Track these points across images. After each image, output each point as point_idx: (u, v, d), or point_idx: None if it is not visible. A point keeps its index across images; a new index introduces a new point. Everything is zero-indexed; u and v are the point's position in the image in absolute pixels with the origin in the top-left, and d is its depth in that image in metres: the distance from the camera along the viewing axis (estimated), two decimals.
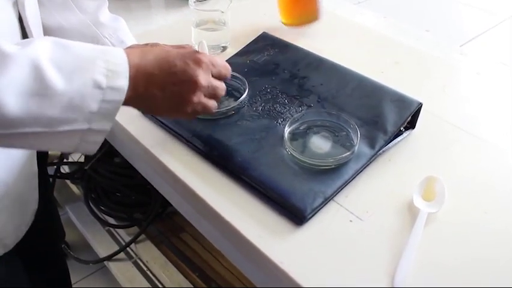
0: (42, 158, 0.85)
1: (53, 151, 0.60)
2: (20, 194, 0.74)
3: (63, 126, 0.52)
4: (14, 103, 0.48)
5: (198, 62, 0.60)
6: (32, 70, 0.49)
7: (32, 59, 0.49)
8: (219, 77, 0.64)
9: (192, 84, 0.59)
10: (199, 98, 0.61)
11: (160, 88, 0.58)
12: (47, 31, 0.77)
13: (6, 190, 0.70)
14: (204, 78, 0.60)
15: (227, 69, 0.66)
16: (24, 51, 0.50)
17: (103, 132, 0.55)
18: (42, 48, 0.51)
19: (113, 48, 0.57)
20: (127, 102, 0.56)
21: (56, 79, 0.50)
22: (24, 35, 0.67)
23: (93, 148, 0.56)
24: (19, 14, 0.65)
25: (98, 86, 0.52)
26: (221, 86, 0.64)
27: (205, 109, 0.63)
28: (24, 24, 0.66)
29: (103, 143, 0.57)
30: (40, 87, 0.49)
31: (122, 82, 0.54)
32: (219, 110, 0.75)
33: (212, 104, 0.64)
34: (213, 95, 0.63)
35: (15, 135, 0.51)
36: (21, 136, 0.51)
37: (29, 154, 0.75)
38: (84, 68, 0.52)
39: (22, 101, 0.49)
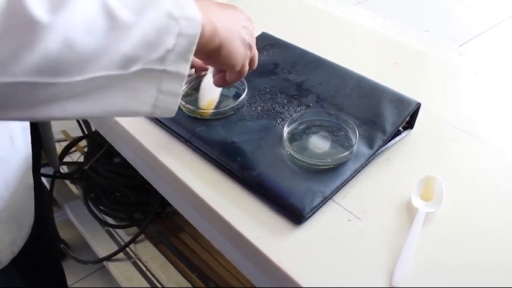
0: (37, 164, 0.84)
1: (132, 113, 0.51)
2: (17, 208, 0.73)
3: (137, 64, 0.47)
4: (87, 39, 0.43)
5: (250, 20, 0.66)
6: (99, 5, 0.44)
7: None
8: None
9: (250, 23, 0.65)
10: (251, 36, 0.65)
11: (230, 18, 0.60)
12: None
13: (3, 204, 0.69)
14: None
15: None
16: None
17: (179, 77, 0.50)
18: None
19: None
20: (204, 42, 0.53)
21: (126, 13, 0.45)
22: None
23: (173, 103, 0.52)
24: None
25: (172, 17, 0.48)
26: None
27: (254, 61, 0.68)
28: None
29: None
30: (111, 22, 0.44)
31: (195, 12, 0.50)
32: (218, 110, 0.75)
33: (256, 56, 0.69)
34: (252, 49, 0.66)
35: (89, 88, 0.46)
36: (94, 89, 0.46)
37: (25, 166, 0.74)
38: (153, 1, 0.47)
39: (94, 36, 0.43)
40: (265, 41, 0.89)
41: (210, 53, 0.57)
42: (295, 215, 0.61)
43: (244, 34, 0.61)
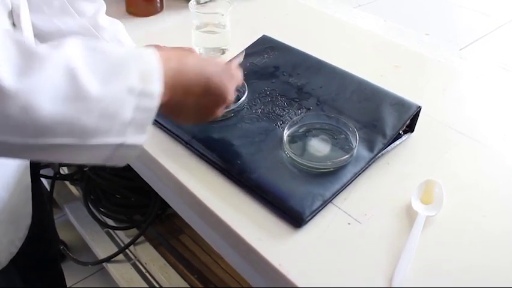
0: (35, 167, 0.85)
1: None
2: (14, 209, 0.73)
3: (96, 139, 0.47)
4: (49, 107, 0.43)
5: (233, 78, 0.63)
6: (67, 72, 0.44)
7: (66, 60, 0.45)
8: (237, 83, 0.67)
9: (222, 100, 0.62)
10: (222, 110, 0.64)
11: (195, 98, 0.58)
12: (46, 38, 0.77)
13: (1, 206, 0.69)
14: (232, 94, 0.63)
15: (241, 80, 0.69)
16: (58, 52, 0.45)
17: (135, 147, 0.50)
18: (73, 50, 0.46)
19: (145, 51, 0.52)
20: (161, 108, 0.52)
21: (92, 83, 0.45)
22: None
23: (123, 162, 0.52)
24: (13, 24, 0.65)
25: (132, 92, 0.48)
26: (237, 80, 0.67)
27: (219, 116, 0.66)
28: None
29: None
30: (76, 92, 0.45)
31: (156, 88, 0.50)
32: None
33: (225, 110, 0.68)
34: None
35: (43, 148, 0.46)
36: (49, 148, 0.46)
37: (23, 167, 0.74)
38: (118, 71, 0.48)
39: (56, 105, 0.44)
40: (265, 44, 0.89)
41: (168, 114, 0.60)
42: (295, 218, 0.61)
43: (198, 112, 0.62)
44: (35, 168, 0.81)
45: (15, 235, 0.76)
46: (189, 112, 0.60)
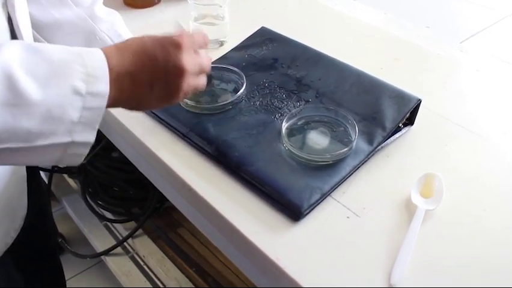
0: None
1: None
2: (9, 200, 0.73)
3: (42, 140, 0.47)
4: None
5: (178, 45, 0.55)
6: (4, 79, 0.45)
7: (3, 66, 0.45)
8: (200, 45, 0.60)
9: (179, 72, 0.55)
10: (188, 82, 0.57)
11: (148, 85, 0.54)
12: (44, 28, 0.77)
13: None
14: (188, 61, 0.56)
15: (205, 37, 0.62)
16: None
17: (86, 144, 0.51)
18: (12, 54, 0.46)
19: (90, 50, 0.51)
20: (114, 105, 0.52)
21: (31, 88, 0.45)
22: (14, 36, 0.66)
23: (77, 161, 0.52)
24: (8, 15, 0.64)
25: (78, 93, 0.48)
26: (206, 60, 0.61)
27: (197, 89, 0.60)
28: (14, 25, 0.64)
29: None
30: (14, 97, 0.45)
31: (103, 87, 0.49)
32: (216, 105, 0.74)
33: (202, 81, 0.61)
34: (200, 71, 0.60)
35: None
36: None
37: None
38: (60, 74, 0.48)
39: None
40: (264, 36, 0.88)
41: (128, 108, 0.58)
42: (293, 211, 0.60)
43: (162, 94, 0.56)
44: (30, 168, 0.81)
45: (10, 226, 0.75)
46: (149, 99, 0.56)
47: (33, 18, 0.75)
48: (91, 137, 0.51)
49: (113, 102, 0.52)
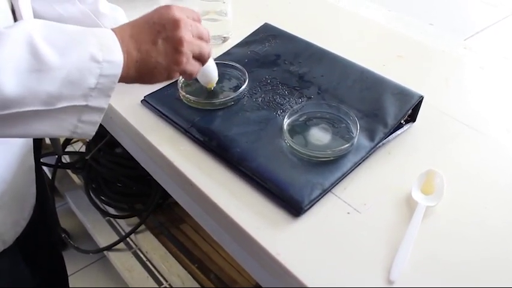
0: (37, 150, 0.85)
1: (53, 136, 0.58)
2: (19, 190, 0.74)
3: (61, 102, 0.52)
4: (13, 81, 0.48)
5: (168, 7, 0.61)
6: (27, 47, 0.49)
7: (26, 36, 0.49)
8: (192, 18, 0.64)
9: (175, 23, 0.60)
10: (189, 35, 0.61)
11: (150, 42, 0.59)
12: None
13: (5, 187, 0.70)
14: (180, 13, 0.61)
15: (195, 12, 0.66)
16: (17, 29, 0.50)
17: (100, 110, 0.55)
18: (33, 26, 0.51)
19: (99, 28, 0.57)
20: (127, 75, 0.56)
21: (52, 54, 0.50)
22: None
23: (91, 130, 0.56)
24: (12, 6, 0.65)
25: (95, 60, 0.52)
26: (201, 25, 0.65)
27: (201, 48, 0.63)
28: (18, 17, 0.65)
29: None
30: (37, 63, 0.49)
31: (118, 55, 0.55)
32: (218, 101, 0.74)
33: (206, 45, 0.65)
34: (199, 34, 0.64)
35: (14, 116, 0.50)
36: (19, 118, 0.51)
37: (26, 148, 0.75)
38: (78, 42, 0.52)
39: (20, 78, 0.49)
40: (267, 32, 0.88)
41: (132, 81, 0.60)
42: (294, 207, 0.60)
43: (167, 49, 0.60)
44: (37, 155, 0.81)
45: (20, 215, 0.77)
46: (156, 57, 0.59)
47: (37, 14, 0.76)
48: (104, 104, 0.55)
49: (124, 72, 0.56)
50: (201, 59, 0.65)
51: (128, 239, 1.41)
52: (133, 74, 0.59)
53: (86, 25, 0.78)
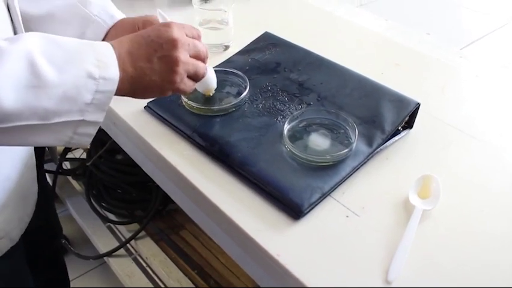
0: (38, 149, 0.86)
1: (48, 146, 0.59)
2: (23, 187, 0.76)
3: (58, 117, 0.53)
4: (12, 96, 0.50)
5: (168, 24, 0.62)
6: (27, 64, 0.51)
7: (25, 53, 0.51)
8: (192, 36, 0.65)
9: (172, 43, 0.60)
10: (185, 56, 0.62)
11: (146, 59, 0.59)
12: (37, 21, 0.77)
13: (11, 184, 0.72)
14: (178, 33, 0.61)
15: (195, 29, 0.67)
16: (17, 46, 0.52)
17: (95, 124, 0.57)
18: (32, 42, 0.53)
19: (98, 42, 0.59)
20: (120, 90, 0.57)
21: (50, 71, 0.52)
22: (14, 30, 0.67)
23: (86, 141, 0.58)
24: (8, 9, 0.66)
25: (92, 77, 0.54)
26: (199, 43, 0.65)
27: (197, 68, 0.64)
28: (13, 17, 0.66)
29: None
30: (35, 80, 0.51)
31: (114, 72, 0.56)
32: (220, 107, 0.76)
33: (201, 65, 0.65)
34: (196, 52, 0.64)
35: (12, 129, 0.52)
36: (16, 130, 0.52)
37: (28, 148, 0.76)
38: (75, 59, 0.54)
39: (19, 94, 0.50)
40: (267, 41, 0.90)
41: (125, 95, 0.61)
42: (294, 210, 0.62)
43: (162, 68, 0.61)
44: (37, 153, 0.83)
45: (24, 211, 0.78)
46: (151, 75, 0.60)
47: (25, 13, 0.74)
48: (100, 118, 0.57)
49: (119, 87, 0.57)
50: (195, 79, 0.66)
51: (128, 245, 1.42)
52: (127, 89, 0.60)
53: (75, 16, 0.78)
